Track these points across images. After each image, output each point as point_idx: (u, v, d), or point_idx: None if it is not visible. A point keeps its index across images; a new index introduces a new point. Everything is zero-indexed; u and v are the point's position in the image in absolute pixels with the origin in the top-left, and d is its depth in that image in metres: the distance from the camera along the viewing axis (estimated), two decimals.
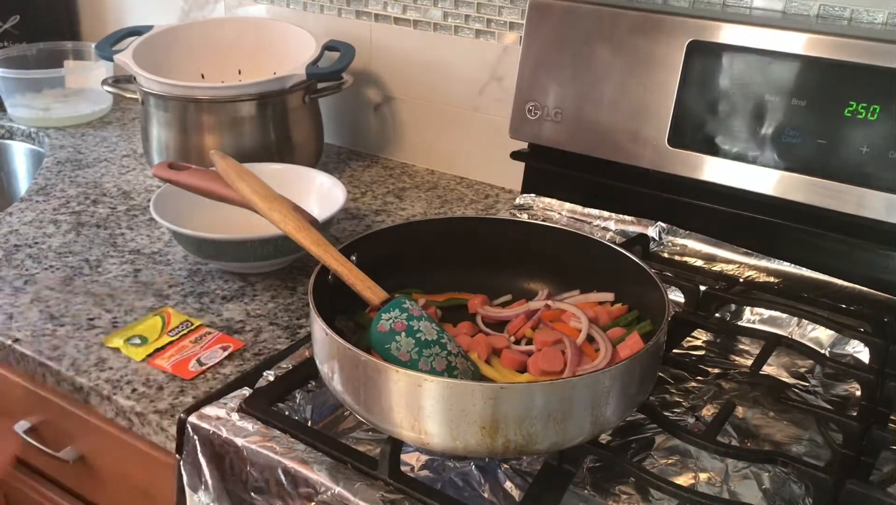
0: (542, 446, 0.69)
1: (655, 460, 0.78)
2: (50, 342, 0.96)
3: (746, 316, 1.00)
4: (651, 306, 0.82)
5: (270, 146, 1.32)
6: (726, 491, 0.75)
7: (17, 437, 1.04)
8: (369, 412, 0.72)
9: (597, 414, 0.70)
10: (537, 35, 1.16)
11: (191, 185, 1.05)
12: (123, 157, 1.49)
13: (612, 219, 1.16)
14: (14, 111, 1.64)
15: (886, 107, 0.95)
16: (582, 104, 1.15)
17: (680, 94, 1.07)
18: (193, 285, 1.08)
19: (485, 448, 0.68)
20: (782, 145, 1.02)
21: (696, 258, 1.10)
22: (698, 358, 0.95)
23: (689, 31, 1.05)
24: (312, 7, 1.50)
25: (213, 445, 0.80)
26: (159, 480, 0.93)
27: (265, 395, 0.83)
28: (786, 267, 1.04)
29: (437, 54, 1.40)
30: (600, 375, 0.69)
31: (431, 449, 0.74)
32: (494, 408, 0.66)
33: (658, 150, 1.10)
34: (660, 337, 0.74)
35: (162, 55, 1.39)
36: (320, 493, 0.73)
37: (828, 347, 0.95)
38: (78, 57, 1.76)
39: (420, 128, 1.47)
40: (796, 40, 0.99)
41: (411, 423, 0.69)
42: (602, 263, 0.89)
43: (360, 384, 0.71)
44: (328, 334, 0.72)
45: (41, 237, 1.20)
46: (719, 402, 0.86)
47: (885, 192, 0.97)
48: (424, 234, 0.94)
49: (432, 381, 0.67)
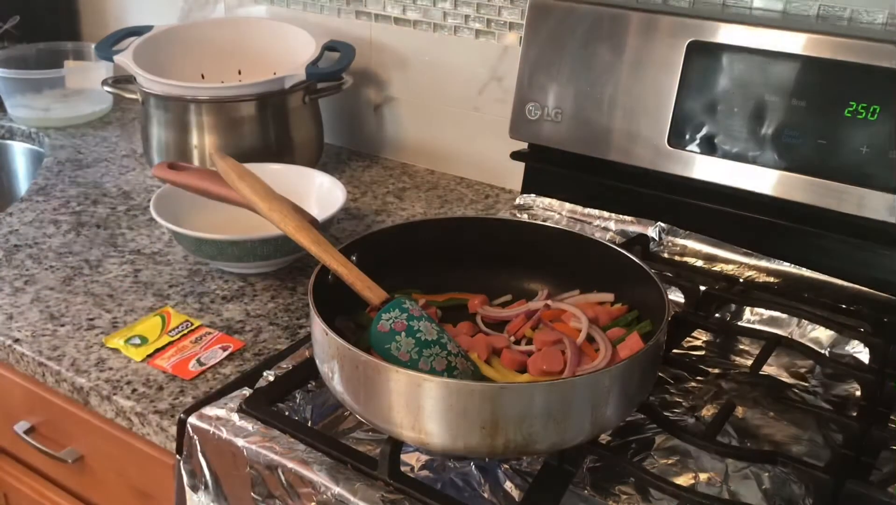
0: (542, 446, 0.69)
1: (655, 460, 0.78)
2: (50, 342, 0.96)
3: (746, 316, 1.00)
4: (651, 306, 0.82)
5: (270, 146, 1.33)
6: (726, 491, 0.75)
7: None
8: (369, 412, 0.72)
9: (597, 414, 0.70)
10: (537, 35, 1.16)
11: (191, 186, 1.05)
12: (123, 157, 1.49)
13: (612, 219, 1.16)
14: (14, 111, 1.64)
15: (886, 107, 0.95)
16: (582, 104, 1.15)
17: (680, 95, 1.07)
18: (193, 285, 1.08)
19: (485, 448, 0.68)
20: (782, 145, 1.02)
21: (696, 258, 1.10)
22: (698, 358, 0.95)
23: (689, 31, 1.05)
24: (312, 7, 1.50)
25: (214, 446, 0.80)
26: (159, 480, 0.93)
27: (265, 395, 0.83)
28: (786, 267, 1.04)
29: (437, 54, 1.40)
30: (600, 375, 0.69)
31: (431, 449, 0.74)
32: (494, 408, 0.66)
33: (658, 151, 1.10)
34: (660, 337, 0.74)
35: (162, 55, 1.39)
36: (320, 493, 0.73)
37: (828, 347, 0.95)
38: (78, 57, 1.76)
39: (420, 128, 1.47)
40: (796, 40, 0.99)
41: (411, 423, 0.69)
42: (602, 263, 0.89)
43: (360, 384, 0.71)
44: (328, 334, 0.72)
45: (41, 237, 1.20)
46: (719, 402, 0.86)
47: (885, 192, 0.97)
48: (424, 234, 0.94)
49: (432, 381, 0.67)
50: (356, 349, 0.70)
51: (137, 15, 1.77)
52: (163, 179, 1.08)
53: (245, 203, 0.94)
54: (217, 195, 1.03)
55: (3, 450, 1.15)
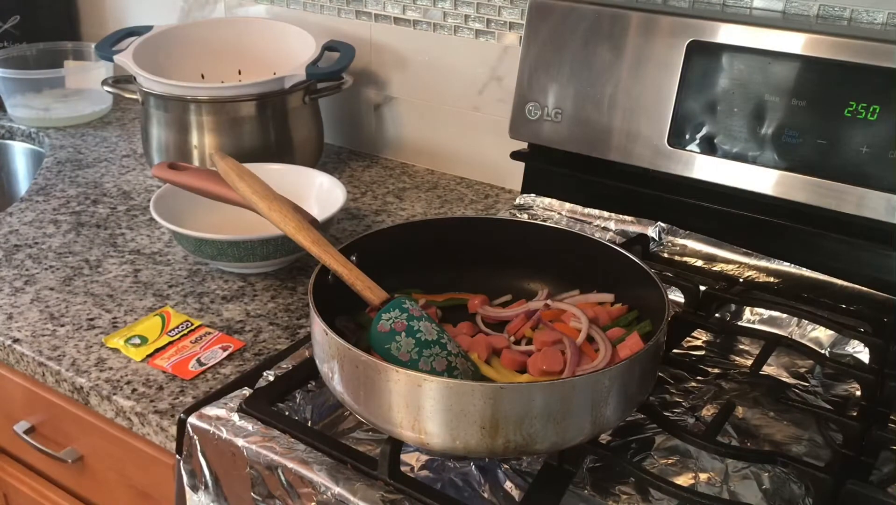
0: (542, 446, 0.69)
1: (655, 460, 0.78)
2: (50, 342, 0.96)
3: (746, 316, 1.00)
4: (651, 306, 0.82)
5: (270, 146, 1.32)
6: (726, 491, 0.75)
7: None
8: (369, 412, 0.72)
9: (596, 414, 0.70)
10: (537, 35, 1.16)
11: (191, 186, 1.05)
12: (123, 158, 1.49)
13: (612, 219, 1.16)
14: (14, 111, 1.64)
15: (886, 107, 0.95)
16: (582, 104, 1.15)
17: (680, 94, 1.07)
18: (193, 285, 1.08)
19: (485, 448, 0.68)
20: (782, 145, 1.02)
21: (696, 258, 1.10)
22: (698, 358, 0.95)
23: (689, 31, 1.05)
24: (312, 7, 1.50)
25: (214, 446, 0.80)
26: (159, 480, 0.93)
27: (265, 395, 0.83)
28: (786, 267, 1.04)
29: (437, 54, 1.40)
30: (600, 375, 0.69)
31: (431, 449, 0.74)
32: (494, 408, 0.66)
33: (658, 151, 1.10)
34: (660, 337, 0.74)
35: (162, 55, 1.39)
36: (320, 493, 0.73)
37: (828, 347, 0.95)
38: (78, 57, 1.76)
39: (420, 128, 1.47)
40: (796, 40, 0.99)
41: (411, 423, 0.69)
42: (602, 262, 0.89)
43: (360, 384, 0.71)
44: (328, 334, 0.72)
45: (41, 237, 1.20)
46: (719, 402, 0.86)
47: (885, 192, 0.97)
48: (424, 234, 0.94)
49: (432, 381, 0.67)
50: (356, 349, 0.70)
51: (137, 15, 1.77)
52: (163, 179, 1.08)
53: (245, 203, 0.94)
54: (217, 195, 1.03)
55: (3, 450, 1.15)
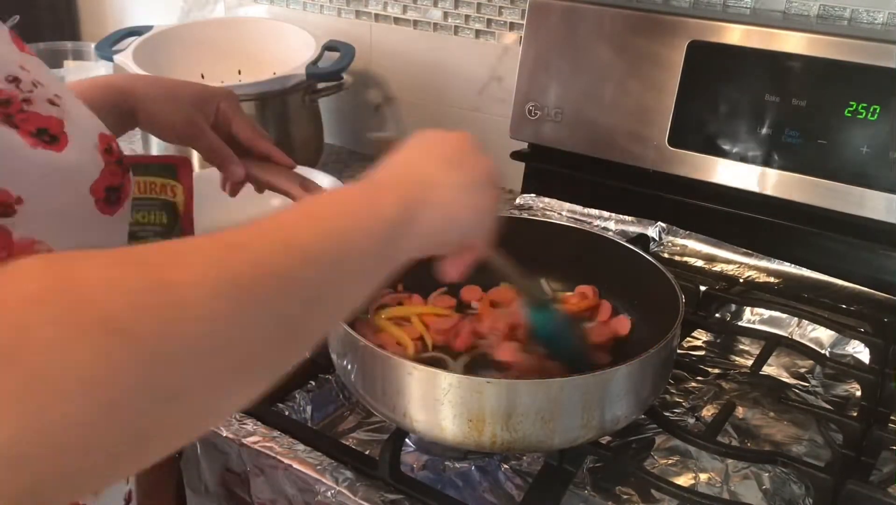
0: (547, 444, 0.70)
1: (655, 461, 0.78)
2: None
3: (746, 316, 1.00)
4: (663, 305, 0.81)
5: None
6: (726, 491, 0.75)
7: None
8: (370, 395, 0.74)
9: (589, 416, 0.69)
10: (537, 35, 1.16)
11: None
12: None
13: (612, 219, 1.16)
14: None
15: (886, 107, 0.95)
16: (582, 104, 1.15)
17: (680, 94, 1.07)
18: None
19: (471, 441, 0.69)
20: (782, 145, 1.02)
21: (696, 258, 1.10)
22: (698, 358, 0.95)
23: (689, 31, 1.05)
24: (312, 7, 1.50)
25: (213, 445, 0.80)
26: (159, 480, 0.93)
27: (265, 395, 0.83)
28: (786, 267, 1.04)
29: (437, 54, 1.39)
30: (589, 378, 0.69)
31: (440, 442, 0.74)
32: (480, 402, 0.67)
33: (658, 151, 1.10)
34: (673, 338, 0.75)
35: (162, 55, 1.39)
36: (320, 493, 0.73)
37: (828, 347, 0.95)
38: (78, 57, 1.76)
39: (420, 128, 1.46)
40: (796, 40, 0.99)
41: (403, 408, 0.70)
42: (607, 260, 0.89)
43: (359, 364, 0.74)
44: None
45: None
46: (719, 402, 0.86)
47: (885, 192, 0.97)
48: None
49: (422, 370, 0.68)
50: (364, 340, 0.72)
51: (137, 15, 1.77)
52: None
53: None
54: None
55: None
